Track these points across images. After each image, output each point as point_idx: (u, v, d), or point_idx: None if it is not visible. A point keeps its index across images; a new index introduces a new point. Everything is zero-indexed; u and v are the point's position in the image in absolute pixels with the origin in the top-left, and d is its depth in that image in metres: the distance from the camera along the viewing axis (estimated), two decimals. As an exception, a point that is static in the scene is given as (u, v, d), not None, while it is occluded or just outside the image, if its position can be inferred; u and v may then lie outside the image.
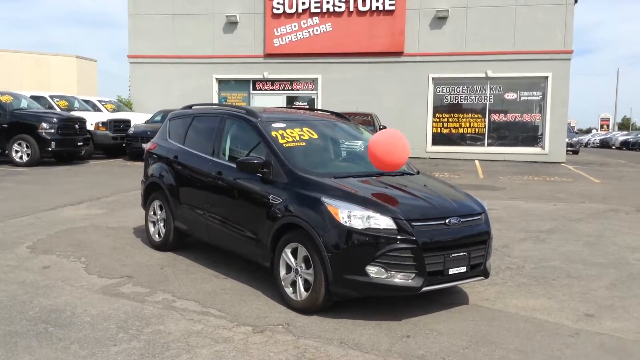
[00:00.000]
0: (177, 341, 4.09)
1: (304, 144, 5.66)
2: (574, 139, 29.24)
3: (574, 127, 44.62)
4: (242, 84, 23.47)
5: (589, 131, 70.06)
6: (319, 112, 7.95)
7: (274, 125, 5.73)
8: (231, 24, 22.73)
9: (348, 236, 4.47)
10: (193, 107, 7.10)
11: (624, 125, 74.97)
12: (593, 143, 49.30)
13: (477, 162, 19.97)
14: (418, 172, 5.91)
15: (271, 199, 5.07)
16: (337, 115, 6.91)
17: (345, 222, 4.49)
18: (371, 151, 5.13)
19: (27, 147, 15.31)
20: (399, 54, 21.78)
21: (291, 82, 23.07)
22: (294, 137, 5.62)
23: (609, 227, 8.74)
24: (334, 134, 6.28)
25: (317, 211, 4.66)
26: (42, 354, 3.81)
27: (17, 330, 4.22)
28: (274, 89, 23.18)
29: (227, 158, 5.94)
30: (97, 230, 7.67)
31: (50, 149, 15.51)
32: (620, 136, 44.35)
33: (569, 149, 25.05)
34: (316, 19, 22.12)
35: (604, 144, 46.53)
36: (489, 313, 4.87)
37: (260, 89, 23.28)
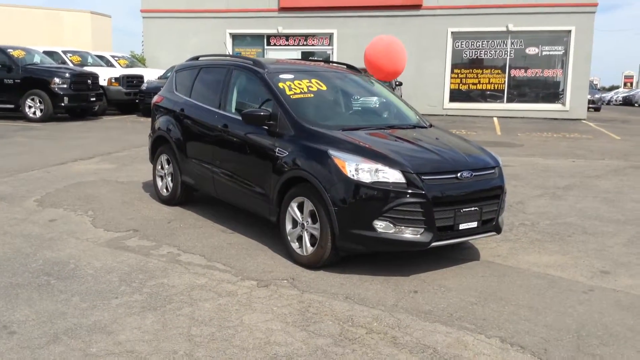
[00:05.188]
0: (180, 294, 4.03)
1: (312, 95, 5.47)
2: (596, 96, 28.46)
3: (596, 84, 43.38)
4: (257, 39, 23.04)
5: (612, 89, 68.22)
6: (333, 64, 7.71)
7: (281, 76, 5.54)
8: (245, -24, 22.19)
9: (355, 190, 4.33)
10: (200, 59, 6.91)
11: (649, 82, 72.77)
12: (616, 101, 48.04)
13: (495, 119, 19.56)
14: (430, 125, 5.74)
15: (277, 152, 4.93)
16: (350, 67, 6.68)
17: (353, 175, 4.35)
18: (368, 59, 5.01)
19: (40, 102, 15.26)
20: (417, 7, 21.13)
21: (306, 37, 22.58)
22: (302, 88, 5.43)
23: (628, 184, 8.49)
24: (344, 85, 6.08)
25: (323, 164, 4.52)
26: (42, 306, 3.77)
27: (19, 282, 4.18)
28: (288, 45, 22.72)
29: (233, 110, 5.77)
30: (107, 184, 7.62)
31: (63, 104, 15.42)
32: (645, 93, 43.10)
33: (590, 105, 24.39)
34: (332, -29, 21.46)
35: (627, 102, 45.31)
36: (500, 269, 4.74)
37: (275, 45, 22.85)
